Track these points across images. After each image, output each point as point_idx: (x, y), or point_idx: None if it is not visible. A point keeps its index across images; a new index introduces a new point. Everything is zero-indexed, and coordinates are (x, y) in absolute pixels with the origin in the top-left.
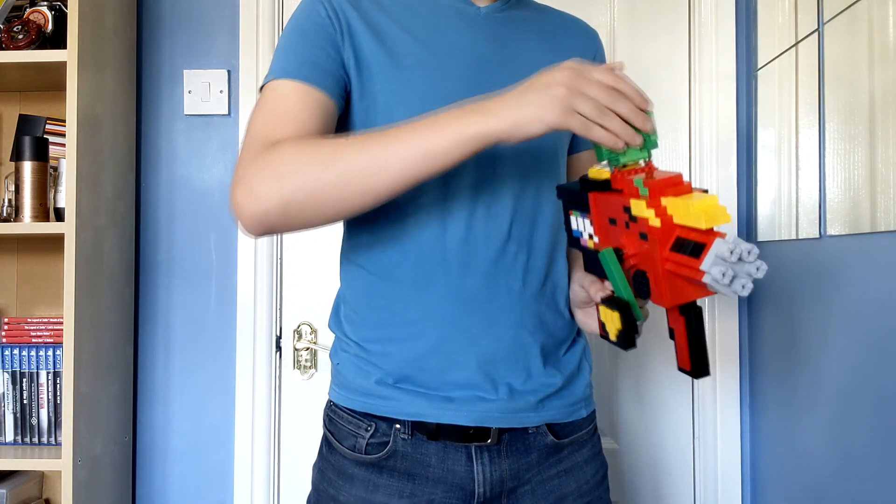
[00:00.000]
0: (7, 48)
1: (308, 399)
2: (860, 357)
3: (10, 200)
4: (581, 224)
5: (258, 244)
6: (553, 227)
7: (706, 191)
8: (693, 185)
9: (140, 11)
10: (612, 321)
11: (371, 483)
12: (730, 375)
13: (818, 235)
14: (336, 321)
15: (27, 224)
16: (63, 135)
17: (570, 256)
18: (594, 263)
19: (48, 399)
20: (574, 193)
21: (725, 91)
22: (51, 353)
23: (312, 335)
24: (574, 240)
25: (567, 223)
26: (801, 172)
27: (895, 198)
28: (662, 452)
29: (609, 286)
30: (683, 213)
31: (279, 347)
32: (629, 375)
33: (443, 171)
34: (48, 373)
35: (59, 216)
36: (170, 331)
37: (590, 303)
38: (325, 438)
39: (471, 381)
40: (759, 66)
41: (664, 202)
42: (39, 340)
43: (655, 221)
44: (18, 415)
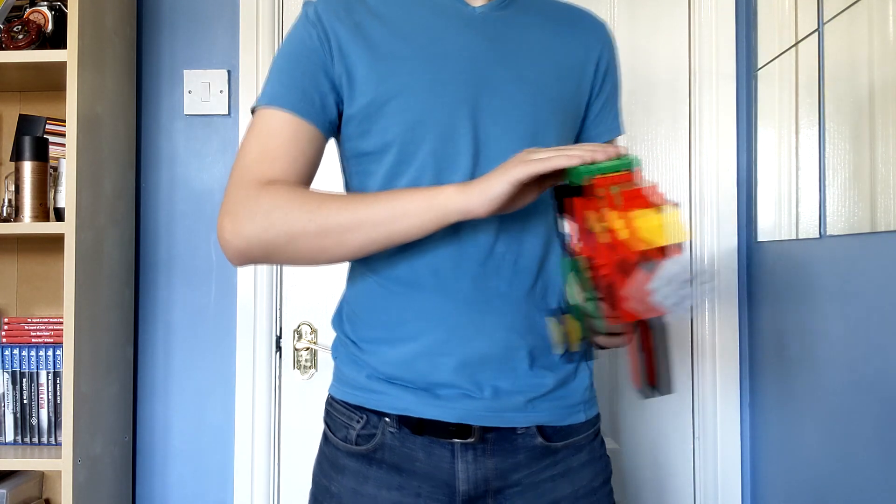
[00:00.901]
0: (7, 48)
1: (308, 399)
2: (860, 357)
3: (10, 200)
4: (568, 228)
5: None
6: (546, 228)
7: (677, 204)
8: (665, 198)
9: (140, 11)
10: (574, 331)
11: (361, 474)
12: (730, 375)
13: (818, 235)
14: (338, 320)
15: (27, 224)
16: (63, 135)
17: None
18: None
19: (48, 399)
20: (559, 197)
21: (725, 91)
22: (51, 353)
23: (312, 335)
24: (566, 243)
25: (560, 225)
26: (801, 172)
27: (895, 198)
28: (663, 452)
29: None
30: (644, 228)
31: (279, 347)
32: (629, 375)
33: (417, 236)
34: (48, 373)
35: (59, 216)
36: (170, 331)
37: None
38: (323, 431)
39: (456, 383)
40: (759, 66)
41: (628, 216)
42: (39, 340)
43: (623, 233)
44: (18, 415)
